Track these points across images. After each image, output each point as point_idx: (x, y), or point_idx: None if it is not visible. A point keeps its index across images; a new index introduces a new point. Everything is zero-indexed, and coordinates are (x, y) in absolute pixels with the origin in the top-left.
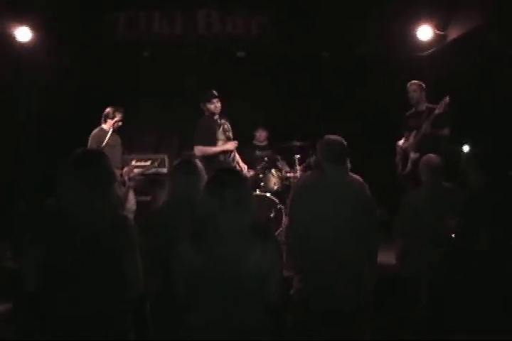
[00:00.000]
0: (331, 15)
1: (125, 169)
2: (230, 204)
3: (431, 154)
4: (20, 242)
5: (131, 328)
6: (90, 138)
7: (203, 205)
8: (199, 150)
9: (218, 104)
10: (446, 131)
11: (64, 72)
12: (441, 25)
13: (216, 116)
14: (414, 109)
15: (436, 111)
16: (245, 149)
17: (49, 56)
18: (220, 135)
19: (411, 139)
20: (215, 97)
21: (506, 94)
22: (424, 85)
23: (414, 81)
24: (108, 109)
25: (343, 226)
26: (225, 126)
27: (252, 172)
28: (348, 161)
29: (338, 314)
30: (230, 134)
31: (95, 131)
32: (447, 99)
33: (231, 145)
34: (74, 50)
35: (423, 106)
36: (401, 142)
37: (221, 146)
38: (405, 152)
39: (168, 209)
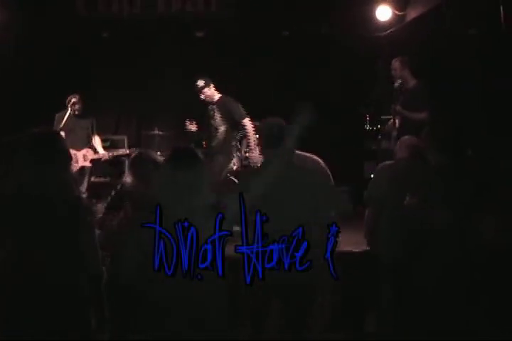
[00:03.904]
0: None
1: (82, 151)
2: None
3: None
4: None
5: (89, 306)
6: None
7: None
8: None
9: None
10: (422, 115)
11: (20, 52)
12: (400, 6)
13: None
14: (397, 85)
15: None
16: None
17: (5, 35)
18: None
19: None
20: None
21: (465, 72)
22: (406, 59)
23: (396, 58)
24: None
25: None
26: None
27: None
28: (289, 141)
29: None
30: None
31: (57, 113)
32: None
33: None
34: (30, 29)
35: (411, 83)
36: (391, 121)
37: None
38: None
39: None
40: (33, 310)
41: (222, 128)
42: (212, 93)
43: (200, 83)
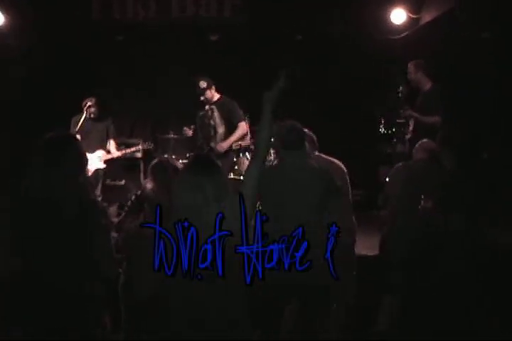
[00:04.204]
0: None
1: (96, 153)
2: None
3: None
4: None
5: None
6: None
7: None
8: None
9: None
10: (433, 119)
11: (37, 56)
12: (414, 9)
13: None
14: (400, 94)
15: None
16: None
17: (21, 40)
18: None
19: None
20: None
21: (480, 77)
22: (421, 63)
23: (411, 61)
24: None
25: (306, 211)
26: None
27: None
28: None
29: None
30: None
31: (74, 117)
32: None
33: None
34: (47, 34)
35: (426, 85)
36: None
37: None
38: None
39: None
40: (46, 313)
41: (221, 130)
42: (213, 94)
43: (203, 84)
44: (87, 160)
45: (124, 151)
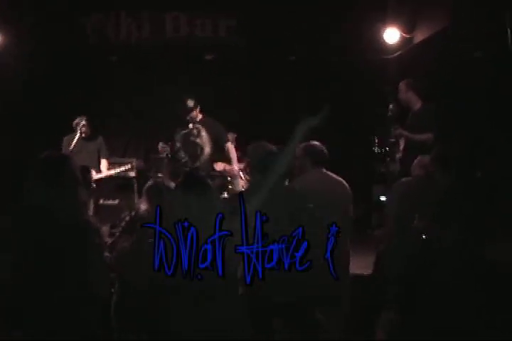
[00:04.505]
0: (298, 19)
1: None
2: None
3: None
4: None
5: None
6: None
7: None
8: None
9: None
10: (424, 136)
11: (32, 76)
12: (407, 28)
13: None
14: (390, 113)
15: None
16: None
17: (17, 61)
18: None
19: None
20: None
21: (473, 95)
22: (411, 82)
23: (402, 81)
24: None
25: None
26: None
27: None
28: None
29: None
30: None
31: (66, 137)
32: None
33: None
34: (42, 55)
35: (416, 105)
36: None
37: None
38: None
39: None
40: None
41: (207, 150)
42: (197, 114)
43: (190, 103)
44: (80, 180)
45: (114, 170)
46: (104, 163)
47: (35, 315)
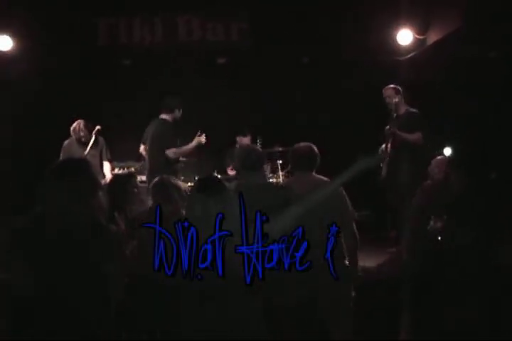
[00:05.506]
0: (310, 21)
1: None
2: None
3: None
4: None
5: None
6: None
7: None
8: (173, 152)
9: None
10: (416, 136)
11: (44, 80)
12: (421, 29)
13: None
14: (395, 114)
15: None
16: (228, 155)
17: (30, 65)
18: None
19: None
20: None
21: (487, 96)
22: (399, 88)
23: (388, 86)
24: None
25: None
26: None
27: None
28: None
29: None
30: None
31: (66, 141)
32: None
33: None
34: (54, 59)
35: (402, 109)
36: (383, 146)
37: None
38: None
39: None
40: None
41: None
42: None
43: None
44: (99, 184)
45: (115, 174)
46: (107, 166)
47: (48, 317)
